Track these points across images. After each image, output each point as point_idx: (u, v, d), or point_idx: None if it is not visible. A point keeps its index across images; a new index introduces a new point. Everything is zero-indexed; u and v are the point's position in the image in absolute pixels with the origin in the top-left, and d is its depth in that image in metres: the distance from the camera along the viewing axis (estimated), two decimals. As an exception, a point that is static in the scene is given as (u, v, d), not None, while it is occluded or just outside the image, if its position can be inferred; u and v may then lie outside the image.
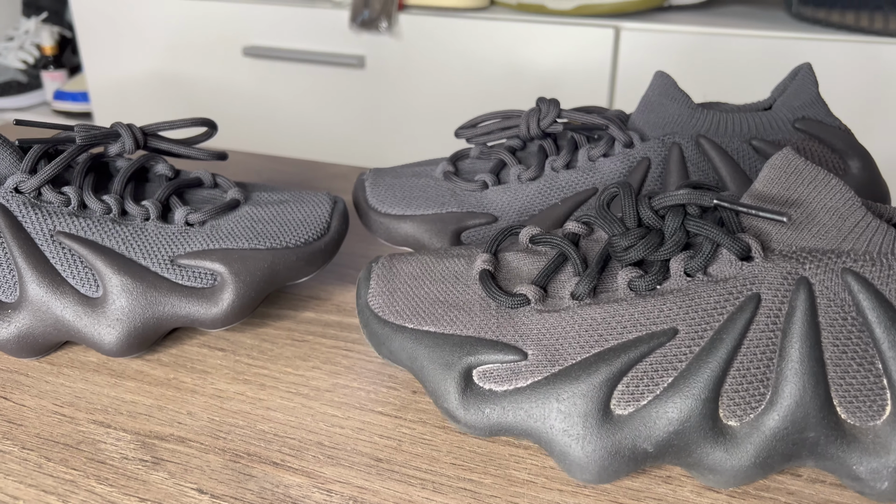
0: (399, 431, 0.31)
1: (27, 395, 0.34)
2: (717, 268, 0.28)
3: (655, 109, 0.41)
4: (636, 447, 0.27)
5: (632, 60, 0.97)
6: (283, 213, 0.39)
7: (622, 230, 0.29)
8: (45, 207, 0.36)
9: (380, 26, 1.03)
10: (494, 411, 0.28)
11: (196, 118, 0.41)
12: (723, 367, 0.27)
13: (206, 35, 1.15)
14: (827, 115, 0.41)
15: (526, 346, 0.29)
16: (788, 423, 0.26)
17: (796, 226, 0.28)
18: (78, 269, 0.35)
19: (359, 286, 0.34)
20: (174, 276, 0.35)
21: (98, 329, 0.35)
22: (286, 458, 0.30)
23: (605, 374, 0.27)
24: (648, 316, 0.28)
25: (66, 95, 1.42)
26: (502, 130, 0.44)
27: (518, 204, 0.40)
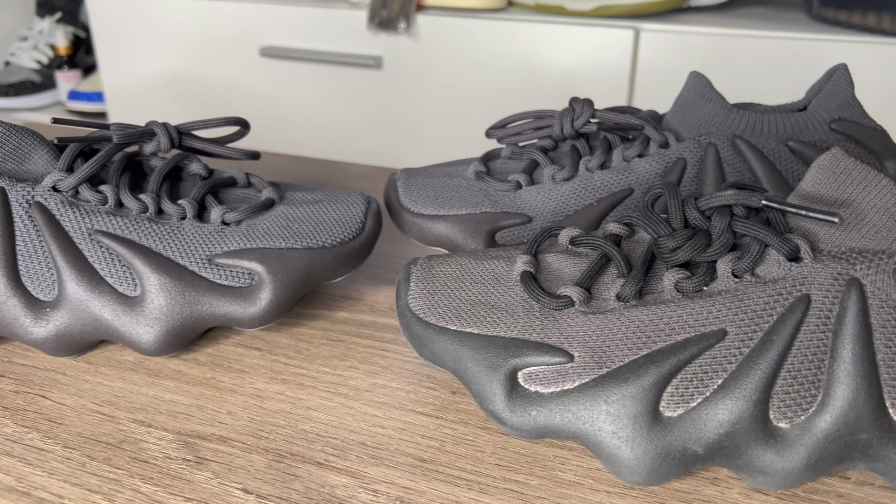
0: (441, 432, 0.31)
1: (66, 394, 0.34)
2: (765, 269, 0.28)
3: (690, 110, 0.41)
4: (686, 449, 0.27)
5: (651, 62, 0.96)
6: (318, 213, 0.39)
7: (669, 231, 0.29)
8: (83, 206, 0.36)
9: (397, 27, 1.03)
10: (541, 413, 0.28)
11: (229, 117, 0.41)
12: (773, 368, 0.27)
13: (222, 35, 1.15)
14: (863, 117, 0.41)
15: (572, 347, 0.28)
16: (840, 424, 0.26)
17: (845, 226, 0.28)
18: (116, 268, 0.35)
19: (398, 288, 0.33)
20: (212, 276, 0.35)
21: (136, 328, 0.35)
22: (330, 458, 0.30)
23: (655, 376, 0.27)
24: (697, 317, 0.28)
25: (80, 95, 1.42)
26: (534, 130, 0.44)
27: (553, 204, 0.40)
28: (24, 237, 0.35)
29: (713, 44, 0.93)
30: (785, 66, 0.92)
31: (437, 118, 1.09)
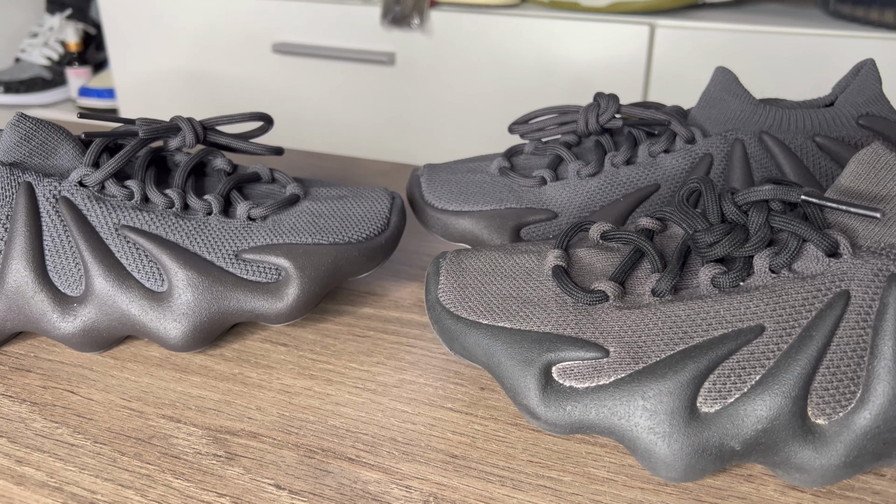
0: (472, 428, 0.31)
1: (94, 390, 0.34)
2: (803, 264, 0.28)
3: (717, 105, 0.41)
4: (723, 445, 0.27)
5: (667, 58, 0.96)
6: (343, 209, 0.39)
7: (705, 226, 0.29)
8: (109, 201, 0.36)
9: (411, 23, 1.02)
10: (576, 409, 0.28)
11: (253, 112, 0.41)
12: (812, 364, 0.26)
13: (235, 31, 1.15)
14: (891, 112, 0.40)
15: (607, 342, 0.28)
16: (880, 421, 0.26)
17: (885, 221, 0.28)
18: (143, 264, 0.35)
19: (427, 282, 0.33)
20: (239, 271, 0.35)
21: (164, 323, 0.35)
22: (361, 453, 0.30)
23: (692, 372, 0.27)
24: (734, 313, 0.27)
25: (91, 92, 1.43)
26: (558, 126, 0.43)
27: (578, 200, 0.40)
28: (52, 232, 0.35)
29: (728, 40, 0.93)
30: (801, 62, 0.91)
31: (450, 115, 1.09)
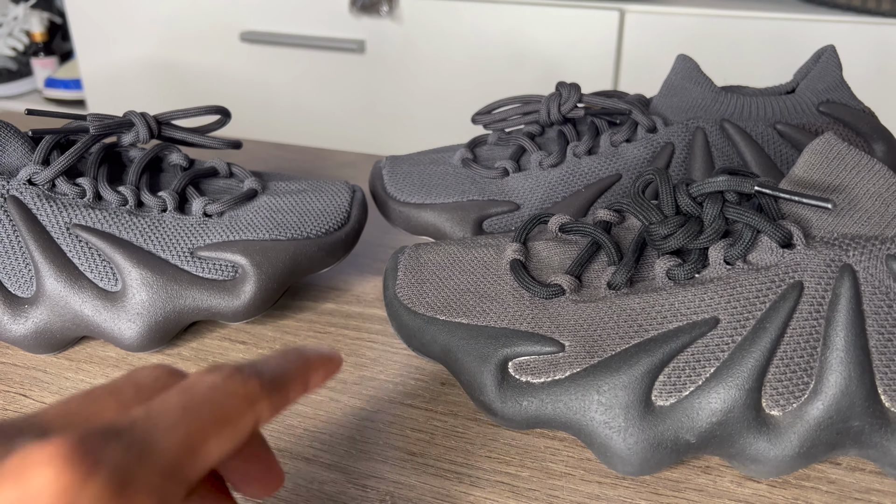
0: (431, 424, 0.31)
1: (47, 393, 0.33)
2: (758, 255, 0.28)
3: (678, 93, 0.41)
4: (678, 438, 0.27)
5: (637, 43, 0.96)
6: (302, 203, 0.38)
7: (660, 218, 0.29)
8: (60, 199, 0.35)
9: (380, 10, 1.01)
10: (532, 404, 0.28)
11: (210, 106, 0.40)
12: (766, 356, 0.26)
13: (202, 20, 1.13)
14: (851, 99, 0.40)
15: (563, 337, 0.28)
16: (833, 412, 0.26)
17: (838, 212, 0.28)
18: (96, 263, 0.34)
19: (386, 277, 0.33)
20: (194, 269, 0.35)
21: (118, 324, 0.34)
22: (318, 453, 0.29)
23: (647, 366, 0.27)
24: (689, 305, 0.27)
25: (57, 83, 1.40)
26: (521, 116, 0.43)
27: (541, 191, 0.40)
28: (0, 233, 0.34)
29: (699, 24, 0.93)
30: (772, 46, 0.91)
31: (420, 102, 1.08)
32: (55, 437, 0.15)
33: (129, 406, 0.19)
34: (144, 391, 0.19)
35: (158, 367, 0.21)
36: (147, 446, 0.16)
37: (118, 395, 0.19)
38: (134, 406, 0.19)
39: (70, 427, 0.17)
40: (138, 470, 0.16)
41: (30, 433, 0.17)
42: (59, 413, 0.18)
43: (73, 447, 0.15)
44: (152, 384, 0.20)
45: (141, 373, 0.20)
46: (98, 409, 0.18)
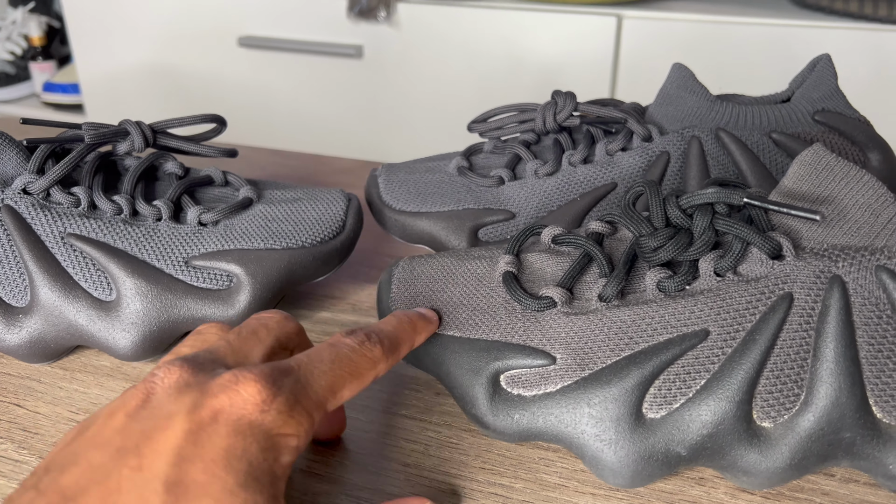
0: (425, 435, 0.31)
1: (41, 402, 0.33)
2: (748, 267, 0.28)
3: (674, 102, 0.41)
4: (669, 451, 0.27)
5: (634, 49, 0.96)
6: (297, 212, 0.38)
7: (650, 230, 0.29)
8: (55, 209, 0.35)
9: (378, 15, 1.01)
10: (524, 417, 0.28)
11: (205, 115, 0.40)
12: (756, 368, 0.26)
13: (200, 24, 1.13)
14: (846, 107, 0.40)
15: (554, 349, 0.28)
16: (824, 423, 0.26)
17: (828, 223, 0.28)
18: (90, 272, 0.34)
19: (380, 290, 0.33)
20: (189, 278, 0.35)
21: (112, 333, 0.34)
22: (312, 464, 0.29)
23: (637, 378, 0.27)
24: (679, 317, 0.27)
25: (55, 87, 1.40)
26: (517, 124, 0.43)
27: (536, 200, 0.40)
28: (-6, 242, 0.34)
29: (696, 30, 0.93)
30: (768, 52, 0.91)
31: (418, 108, 1.08)
32: (257, 366, 0.23)
33: (268, 344, 0.26)
34: (272, 330, 0.27)
35: (277, 313, 0.28)
36: (307, 383, 0.24)
37: (257, 334, 0.26)
38: (270, 343, 0.26)
39: (238, 359, 0.25)
40: (302, 397, 0.23)
41: (217, 363, 0.24)
42: (225, 347, 0.25)
43: (266, 375, 0.23)
44: (277, 326, 0.27)
45: (265, 316, 0.27)
46: (250, 347, 0.26)
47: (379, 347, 0.26)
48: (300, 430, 0.23)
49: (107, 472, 0.20)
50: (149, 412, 0.22)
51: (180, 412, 0.21)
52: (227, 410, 0.22)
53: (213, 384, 0.22)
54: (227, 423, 0.21)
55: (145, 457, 0.21)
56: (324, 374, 0.24)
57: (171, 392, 0.22)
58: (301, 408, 0.23)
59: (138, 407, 0.22)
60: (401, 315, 0.29)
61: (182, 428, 0.21)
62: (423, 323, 0.29)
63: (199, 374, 0.23)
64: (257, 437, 0.21)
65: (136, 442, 0.21)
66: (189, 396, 0.22)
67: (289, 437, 0.22)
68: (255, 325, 0.27)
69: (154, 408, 0.22)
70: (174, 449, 0.21)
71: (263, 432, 0.22)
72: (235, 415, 0.21)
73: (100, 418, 0.22)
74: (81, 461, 0.21)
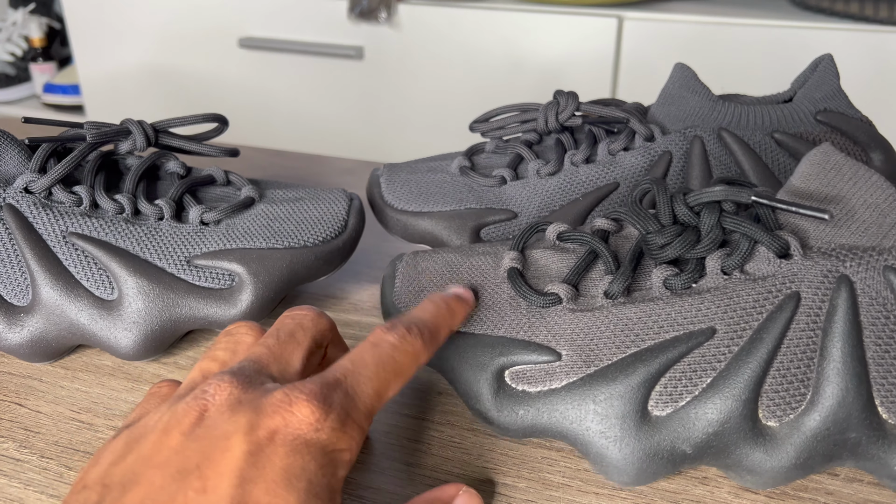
0: (427, 434, 0.31)
1: (42, 402, 0.33)
2: (755, 266, 0.28)
3: (676, 102, 0.41)
4: (674, 449, 0.26)
5: (635, 50, 0.96)
6: (299, 212, 0.38)
7: (657, 227, 0.29)
8: (57, 208, 0.35)
9: (378, 16, 1.01)
10: (528, 413, 0.28)
11: (207, 114, 0.40)
12: (762, 366, 0.26)
13: (200, 26, 1.13)
14: (849, 107, 0.40)
15: (559, 346, 0.28)
16: (830, 423, 0.26)
17: (836, 222, 0.28)
18: (92, 271, 0.34)
19: (383, 285, 0.33)
20: (191, 278, 0.35)
21: (114, 332, 0.34)
22: (314, 463, 0.29)
23: (643, 375, 0.27)
24: (686, 315, 0.27)
25: (56, 88, 1.40)
26: (519, 124, 0.43)
27: (538, 199, 0.40)
28: (-4, 240, 0.34)
29: (697, 32, 0.93)
30: (770, 53, 0.92)
31: (419, 109, 1.08)
32: (306, 384, 0.23)
33: (306, 346, 0.26)
34: (309, 330, 0.27)
35: (310, 309, 0.28)
36: (355, 394, 0.23)
37: (294, 337, 0.26)
38: (308, 344, 0.26)
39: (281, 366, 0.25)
40: (352, 410, 0.23)
41: (263, 374, 0.24)
42: (267, 355, 0.25)
43: (318, 394, 0.22)
44: (313, 325, 0.27)
45: (300, 314, 0.27)
46: (290, 351, 0.26)
47: (419, 339, 0.26)
48: (353, 443, 0.23)
49: (170, 494, 0.20)
50: (205, 431, 0.22)
51: (238, 432, 0.21)
52: (282, 431, 0.22)
53: (266, 404, 0.22)
54: (284, 444, 0.21)
55: (209, 479, 0.21)
56: (370, 380, 0.24)
57: (225, 410, 0.22)
58: (352, 421, 0.23)
59: (193, 425, 0.22)
60: (437, 299, 0.29)
61: (241, 449, 0.21)
62: (459, 305, 0.29)
63: (250, 390, 0.23)
64: (314, 454, 0.22)
65: (196, 463, 0.21)
66: (244, 416, 0.22)
67: (343, 452, 0.23)
68: (291, 327, 0.27)
69: (210, 427, 0.22)
70: (236, 471, 0.21)
71: (319, 450, 0.22)
72: (291, 435, 0.22)
73: (152, 433, 0.22)
74: (143, 481, 0.21)
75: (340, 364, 0.24)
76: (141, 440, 0.22)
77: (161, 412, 0.23)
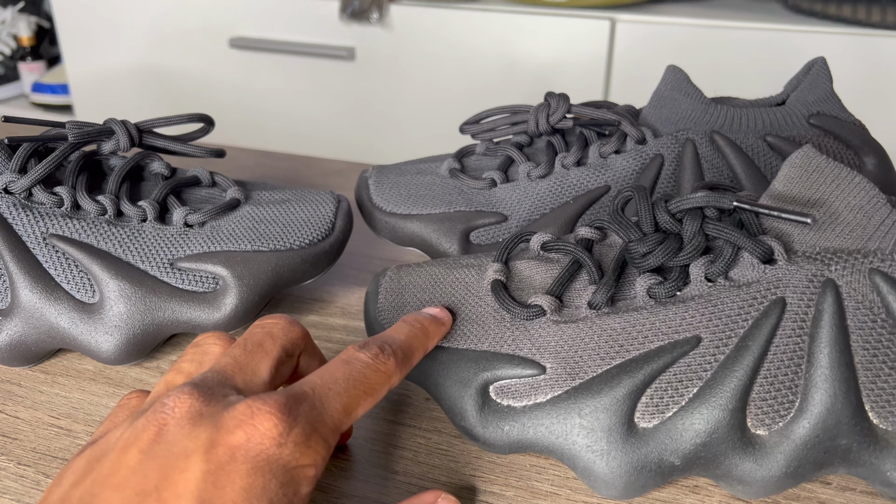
0: (414, 442, 0.30)
1: (21, 407, 0.32)
2: (739, 272, 0.27)
3: (668, 105, 0.40)
4: (662, 461, 0.26)
5: (627, 52, 0.96)
6: (285, 214, 0.37)
7: (639, 235, 0.28)
8: (37, 209, 0.34)
9: (370, 17, 1.01)
10: (514, 428, 0.27)
11: (192, 114, 0.39)
12: (749, 374, 0.26)
13: (191, 25, 1.12)
14: (841, 111, 0.40)
15: (544, 359, 0.28)
16: (819, 430, 0.25)
17: (820, 226, 0.27)
18: (73, 274, 0.34)
19: (367, 301, 0.32)
20: (174, 280, 0.34)
21: (95, 336, 0.33)
22: (297, 471, 0.29)
23: (628, 387, 0.26)
24: (670, 324, 0.27)
25: (44, 87, 1.39)
26: (510, 126, 0.43)
27: (528, 202, 0.39)
28: (-26, 243, 0.33)
29: (689, 35, 0.93)
30: (762, 56, 0.91)
31: (411, 110, 1.08)
32: (271, 396, 0.22)
33: (275, 356, 0.25)
34: (278, 340, 0.26)
35: (281, 318, 0.27)
36: (323, 408, 0.23)
37: (263, 347, 0.25)
38: (277, 354, 0.25)
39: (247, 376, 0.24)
40: (318, 424, 0.22)
41: (226, 386, 0.23)
42: (232, 365, 0.24)
43: (282, 406, 0.22)
44: (283, 334, 0.26)
45: (269, 323, 0.26)
46: (257, 361, 0.25)
47: (392, 360, 0.26)
48: (317, 458, 0.22)
49: None
50: (164, 448, 0.21)
51: (197, 450, 0.21)
52: (244, 447, 0.21)
53: (227, 418, 0.21)
54: (245, 461, 0.21)
55: (167, 501, 0.20)
56: (338, 395, 0.23)
57: (185, 424, 0.21)
58: (318, 436, 0.22)
59: (152, 442, 0.21)
60: (412, 320, 0.28)
61: (200, 469, 0.20)
62: (435, 326, 0.29)
63: (211, 403, 0.22)
64: (276, 472, 0.21)
65: (154, 484, 0.20)
66: (204, 431, 0.21)
67: (306, 468, 0.22)
68: (260, 336, 0.26)
69: (169, 443, 0.21)
70: (194, 492, 0.20)
71: (281, 467, 0.21)
72: (253, 451, 0.21)
73: (112, 452, 0.22)
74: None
75: (309, 379, 0.24)
76: (102, 459, 0.22)
77: (123, 428, 0.22)
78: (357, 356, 0.25)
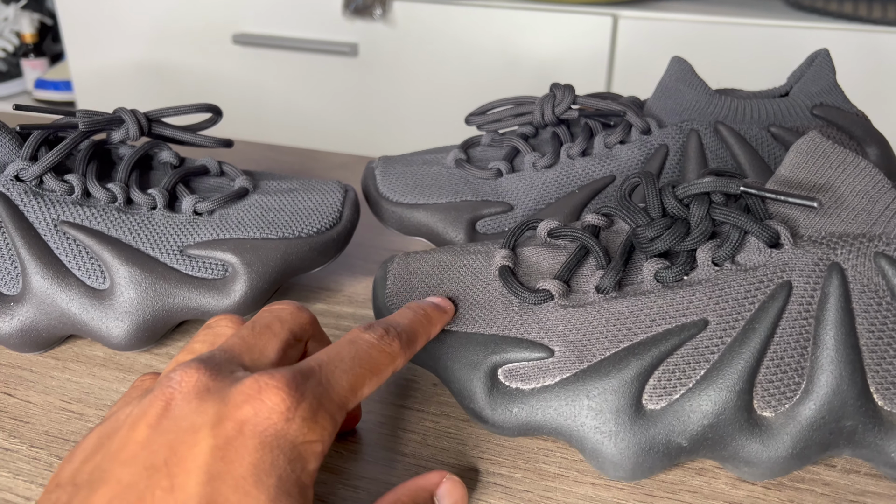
0: (423, 425, 0.31)
1: (32, 392, 0.33)
2: (746, 256, 0.28)
3: (672, 95, 0.41)
4: (670, 442, 0.26)
5: (630, 48, 0.96)
6: (294, 202, 0.38)
7: (646, 220, 0.29)
8: (48, 196, 0.35)
9: (373, 13, 1.01)
10: (523, 410, 0.28)
11: (200, 104, 0.40)
12: (756, 357, 0.26)
13: (194, 22, 1.13)
14: (844, 102, 0.40)
15: (552, 342, 0.28)
16: (825, 412, 0.26)
17: (825, 210, 0.28)
18: (84, 260, 0.34)
19: (375, 287, 0.33)
20: (184, 267, 0.34)
21: (105, 322, 0.33)
22: (307, 453, 0.29)
23: (636, 369, 0.27)
24: (677, 308, 0.27)
25: (47, 84, 1.39)
26: (515, 117, 0.43)
27: (534, 192, 0.40)
28: (-14, 229, 0.34)
29: (691, 31, 0.93)
30: (762, 53, 0.92)
31: (413, 106, 1.08)
32: (278, 371, 0.22)
33: (283, 338, 0.25)
34: (286, 323, 0.26)
35: (290, 303, 0.27)
36: (329, 385, 0.23)
37: (271, 328, 0.25)
38: (285, 336, 0.26)
39: (254, 356, 0.24)
40: (325, 400, 0.22)
41: (234, 363, 0.23)
42: (240, 345, 0.24)
43: (289, 381, 0.22)
44: (291, 318, 0.26)
45: (277, 308, 0.27)
46: (265, 342, 0.25)
47: (397, 341, 0.26)
48: (324, 434, 0.22)
49: (139, 492, 0.20)
50: (171, 423, 0.21)
51: (204, 425, 0.21)
52: (251, 422, 0.21)
53: (234, 393, 0.21)
54: (253, 436, 0.21)
55: (176, 476, 0.20)
56: (345, 373, 0.24)
57: (192, 398, 0.21)
58: (324, 412, 0.22)
59: (159, 416, 0.21)
60: (415, 307, 0.29)
61: (208, 444, 0.20)
62: (437, 313, 0.29)
63: (218, 378, 0.22)
64: (283, 448, 0.21)
65: (163, 458, 0.20)
66: (212, 406, 0.21)
67: (314, 444, 0.22)
68: (268, 319, 0.26)
69: (176, 418, 0.21)
70: (203, 467, 0.20)
71: (289, 442, 0.21)
72: (261, 426, 0.21)
73: (122, 429, 0.22)
74: (111, 479, 0.20)
75: (315, 356, 0.24)
76: (112, 435, 0.22)
77: (133, 406, 0.23)
78: (363, 336, 0.25)
